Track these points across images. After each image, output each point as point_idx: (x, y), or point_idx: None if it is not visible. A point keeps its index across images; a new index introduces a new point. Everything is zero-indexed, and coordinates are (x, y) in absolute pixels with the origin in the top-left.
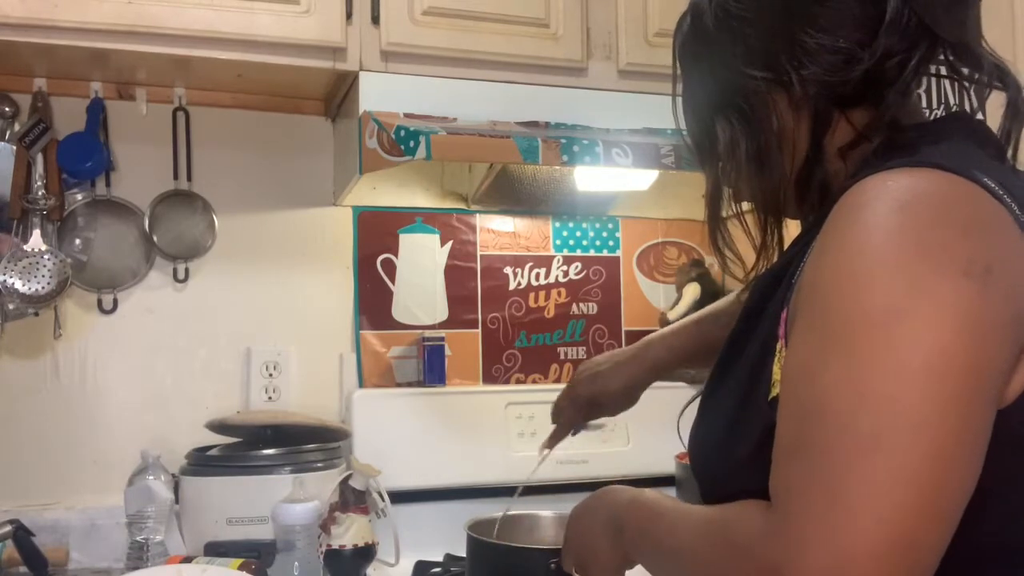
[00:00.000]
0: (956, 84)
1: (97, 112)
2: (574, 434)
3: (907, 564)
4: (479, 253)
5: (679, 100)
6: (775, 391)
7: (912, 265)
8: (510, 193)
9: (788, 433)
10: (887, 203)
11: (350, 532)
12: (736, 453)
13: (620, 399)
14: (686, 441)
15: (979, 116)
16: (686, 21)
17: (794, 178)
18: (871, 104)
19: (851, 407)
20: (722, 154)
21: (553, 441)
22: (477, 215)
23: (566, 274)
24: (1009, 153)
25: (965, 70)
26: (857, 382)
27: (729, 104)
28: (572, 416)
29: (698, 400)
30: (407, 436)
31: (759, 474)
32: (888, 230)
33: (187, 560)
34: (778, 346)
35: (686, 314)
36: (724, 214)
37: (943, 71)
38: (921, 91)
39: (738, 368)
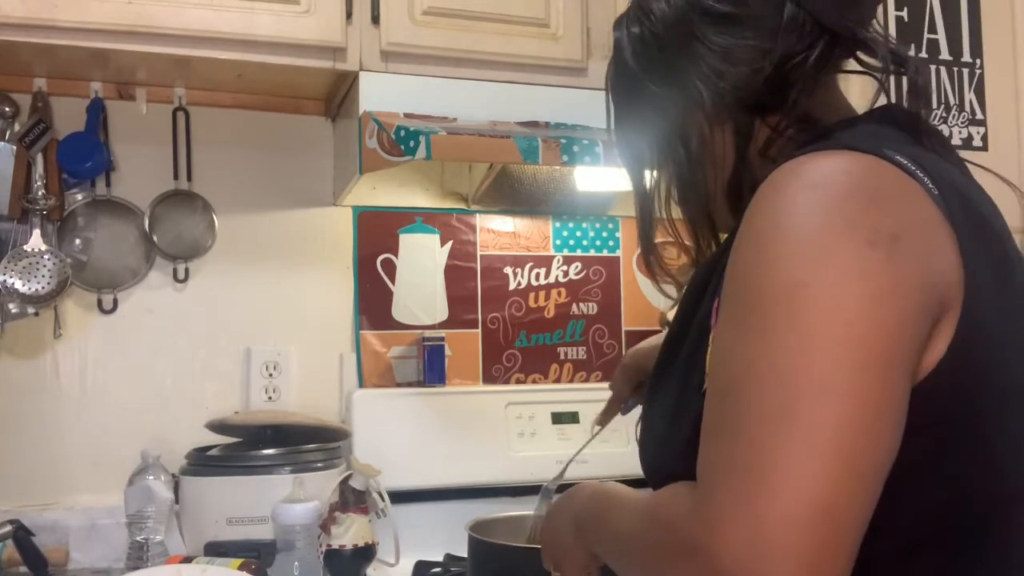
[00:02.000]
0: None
1: (97, 112)
2: (624, 412)
3: (826, 531)
4: (479, 253)
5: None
6: (707, 381)
7: (816, 238)
8: (510, 193)
9: (709, 415)
10: (796, 184)
11: (350, 532)
12: (673, 445)
13: None
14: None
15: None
16: (612, 59)
17: (725, 190)
18: (786, 106)
19: (762, 381)
20: (657, 180)
21: (605, 417)
22: (477, 215)
23: (566, 274)
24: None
25: (872, 61)
26: (767, 356)
27: (654, 132)
28: (621, 388)
29: None
30: (407, 436)
31: (695, 463)
32: (794, 208)
33: (187, 560)
34: (711, 337)
35: None
36: (656, 239)
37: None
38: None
39: (675, 368)
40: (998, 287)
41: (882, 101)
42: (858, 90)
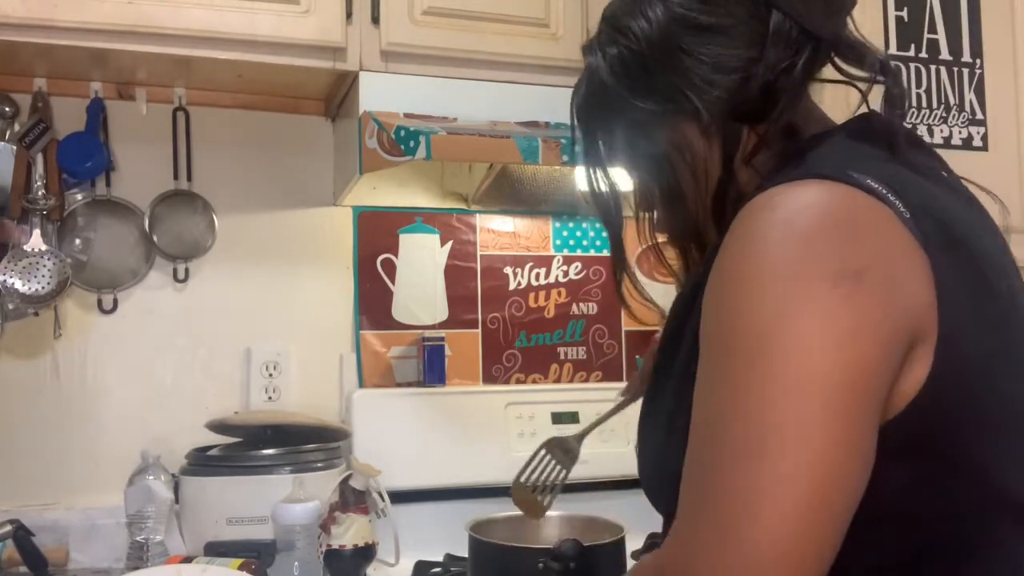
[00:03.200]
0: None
1: (97, 112)
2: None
3: (792, 573)
4: (479, 253)
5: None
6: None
7: (781, 284)
8: (510, 193)
9: (687, 454)
10: (764, 223)
11: (350, 532)
12: (667, 470)
13: None
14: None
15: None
16: (582, 85)
17: (711, 203)
18: (773, 114)
19: (730, 426)
20: (635, 203)
21: (629, 390)
22: (477, 215)
23: (566, 274)
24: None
25: (852, 70)
26: (734, 402)
27: (640, 151)
28: (648, 362)
29: None
30: (407, 436)
31: None
32: (760, 250)
33: (187, 560)
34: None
35: None
36: (629, 265)
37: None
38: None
39: (665, 391)
40: (975, 308)
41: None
42: (829, 96)
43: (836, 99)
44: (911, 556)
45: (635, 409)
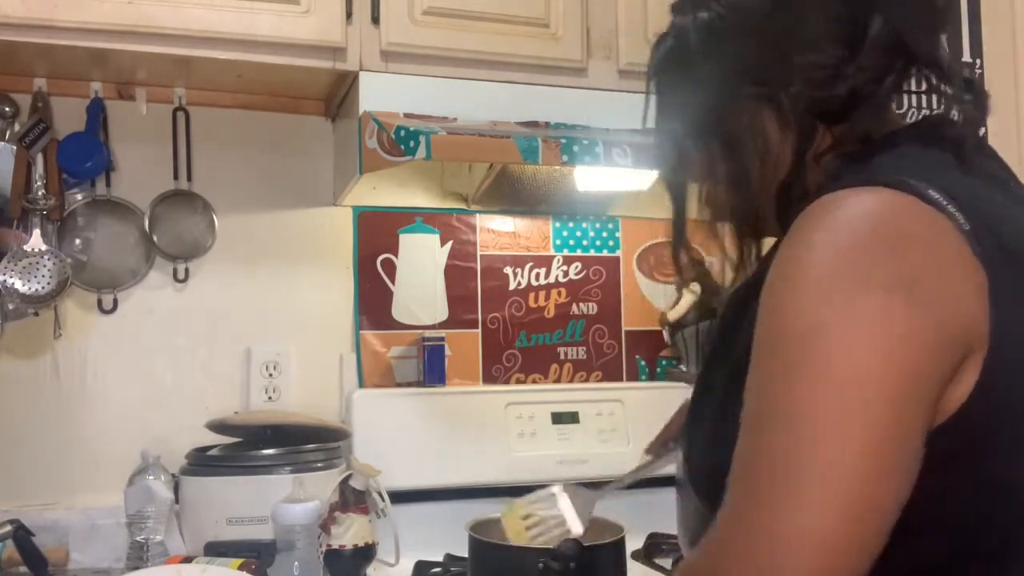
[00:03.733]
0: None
1: (97, 112)
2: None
3: (835, 562)
4: (479, 253)
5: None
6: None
7: (836, 283)
8: (510, 193)
9: (736, 449)
10: (824, 225)
11: (350, 532)
12: (718, 465)
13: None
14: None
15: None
16: (666, 43)
17: (776, 191)
18: (852, 118)
19: (781, 423)
20: (701, 176)
21: (653, 450)
22: (477, 215)
23: (566, 274)
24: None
25: (939, 85)
26: (785, 399)
27: (713, 125)
28: (676, 421)
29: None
30: (407, 436)
31: None
32: (818, 251)
33: (187, 560)
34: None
35: (686, 314)
36: (687, 239)
37: (914, 86)
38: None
39: (717, 386)
40: None
41: None
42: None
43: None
44: (942, 564)
45: (636, 407)
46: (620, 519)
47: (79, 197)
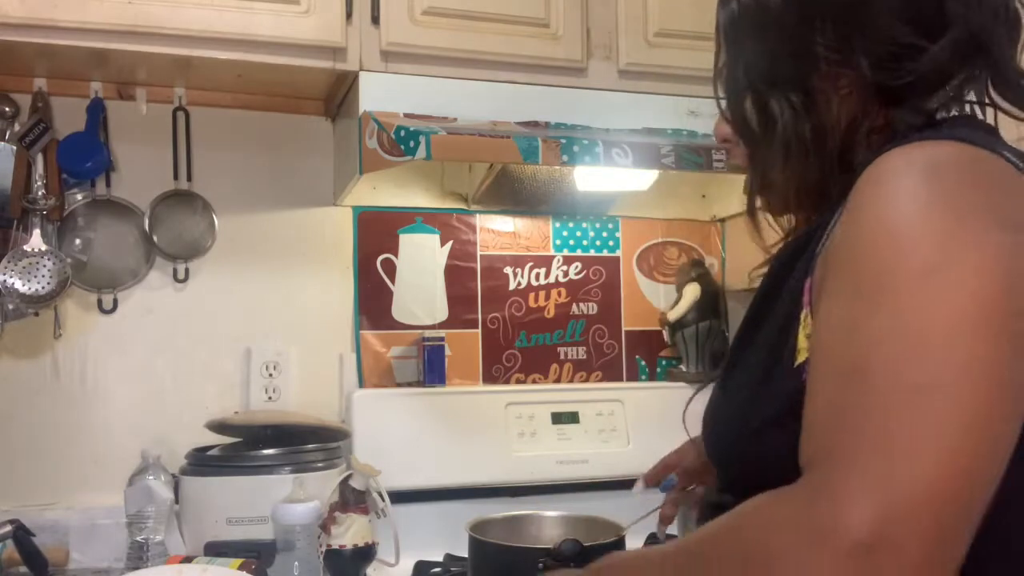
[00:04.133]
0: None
1: (97, 112)
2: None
3: (955, 511)
4: (479, 253)
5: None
6: (801, 357)
7: (945, 222)
8: (510, 193)
9: (826, 396)
10: (912, 170)
11: (350, 532)
12: (753, 423)
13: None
14: (691, 433)
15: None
16: None
17: (827, 162)
18: (910, 105)
19: (896, 361)
20: (777, 133)
21: (652, 476)
22: (477, 215)
23: (566, 274)
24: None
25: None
26: (901, 337)
27: (789, 82)
28: (686, 456)
29: (700, 394)
30: (407, 436)
31: (777, 441)
32: (916, 193)
33: (187, 560)
34: (803, 315)
35: (686, 314)
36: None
37: (975, 98)
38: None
39: (757, 346)
40: None
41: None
42: None
43: None
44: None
45: (636, 407)
46: (620, 519)
47: (79, 197)
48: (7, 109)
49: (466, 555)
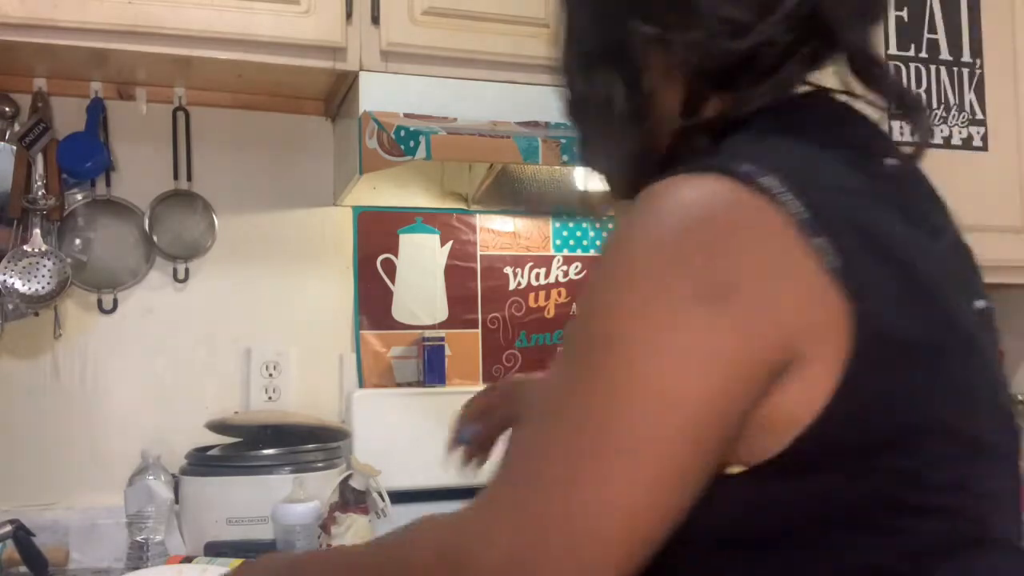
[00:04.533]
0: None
1: (97, 112)
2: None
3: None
4: (479, 253)
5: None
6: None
7: (643, 286)
8: (510, 193)
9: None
10: (642, 220)
11: (350, 532)
12: None
13: None
14: None
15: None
16: None
17: (640, 154)
18: (742, 90)
19: (564, 423)
20: (601, 112)
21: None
22: (477, 215)
23: (566, 274)
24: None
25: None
26: (576, 400)
27: (610, 55)
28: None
29: None
30: (407, 436)
31: None
32: (633, 250)
33: (187, 560)
34: None
35: None
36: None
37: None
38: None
39: None
40: (909, 319)
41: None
42: None
43: None
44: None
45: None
46: None
47: (79, 197)
48: (7, 109)
49: None
